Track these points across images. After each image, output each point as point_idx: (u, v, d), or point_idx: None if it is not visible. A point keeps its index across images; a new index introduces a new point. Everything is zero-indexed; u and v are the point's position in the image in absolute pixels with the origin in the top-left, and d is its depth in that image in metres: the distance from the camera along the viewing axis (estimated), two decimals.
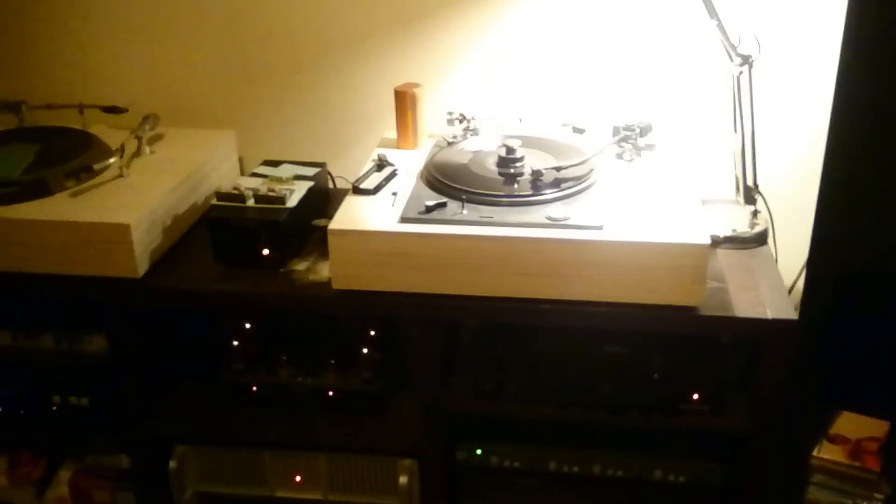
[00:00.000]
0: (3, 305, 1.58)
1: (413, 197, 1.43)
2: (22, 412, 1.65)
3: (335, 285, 1.40)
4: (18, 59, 1.84)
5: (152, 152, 1.66)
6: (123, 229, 1.39)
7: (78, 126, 1.74)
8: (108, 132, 1.70)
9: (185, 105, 1.82)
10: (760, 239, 1.55)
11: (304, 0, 1.73)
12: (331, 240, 1.36)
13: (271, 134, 1.85)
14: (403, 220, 1.37)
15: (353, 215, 1.40)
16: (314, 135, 1.83)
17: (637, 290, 1.32)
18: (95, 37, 1.81)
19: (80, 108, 1.76)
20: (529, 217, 1.36)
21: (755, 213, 1.56)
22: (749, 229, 1.55)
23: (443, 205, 1.39)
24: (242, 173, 1.83)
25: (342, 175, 1.76)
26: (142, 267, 1.44)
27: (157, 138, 1.70)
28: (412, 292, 1.38)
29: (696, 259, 1.29)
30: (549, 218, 1.35)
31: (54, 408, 1.63)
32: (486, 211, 1.38)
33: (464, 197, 1.39)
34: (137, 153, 1.63)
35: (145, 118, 1.67)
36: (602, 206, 1.38)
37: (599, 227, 1.32)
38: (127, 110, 1.74)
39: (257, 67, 1.80)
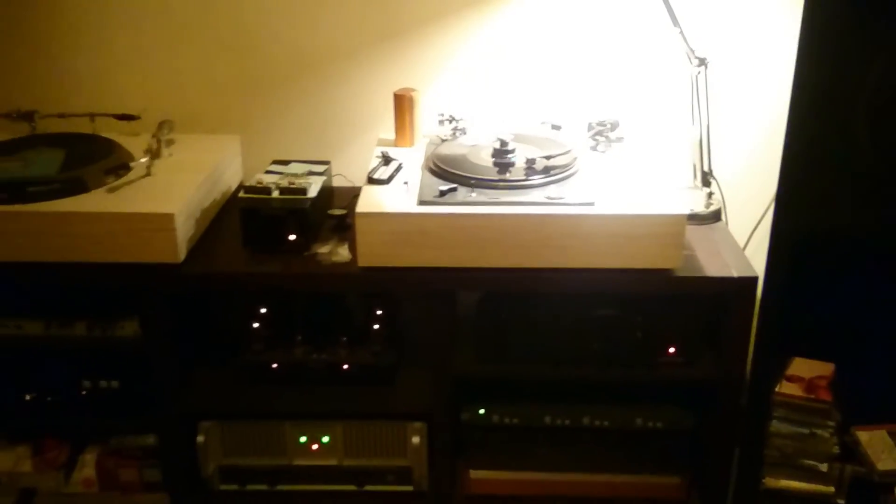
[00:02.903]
0: (39, 295, 1.70)
1: (424, 185, 1.63)
2: (50, 399, 1.76)
3: (360, 263, 1.57)
4: (31, 69, 1.95)
5: (170, 154, 1.80)
6: (168, 218, 1.54)
7: (89, 132, 1.87)
8: (119, 138, 1.84)
9: (191, 111, 1.96)
10: (715, 216, 1.80)
11: (300, 13, 1.91)
12: (358, 222, 1.54)
13: (268, 138, 2.01)
14: (421, 202, 1.56)
15: (375, 201, 1.58)
16: (310, 138, 2.01)
17: (624, 257, 1.55)
18: (106, 48, 1.94)
19: (92, 116, 1.89)
20: (529, 198, 1.57)
21: (710, 195, 1.81)
22: (705, 208, 1.80)
23: (454, 189, 1.59)
24: (245, 174, 1.98)
25: (340, 173, 1.93)
26: (182, 253, 1.59)
27: (170, 142, 1.85)
28: (429, 266, 1.57)
29: (675, 227, 1.52)
30: (548, 197, 1.56)
31: (84, 392, 1.75)
32: (490, 194, 1.59)
33: (473, 181, 1.60)
34: (157, 155, 1.77)
35: (162, 123, 1.81)
36: (589, 188, 1.60)
37: (591, 204, 1.54)
38: (139, 117, 1.88)
39: (258, 78, 1.96)
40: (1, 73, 1.96)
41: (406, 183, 1.65)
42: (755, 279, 1.56)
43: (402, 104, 1.81)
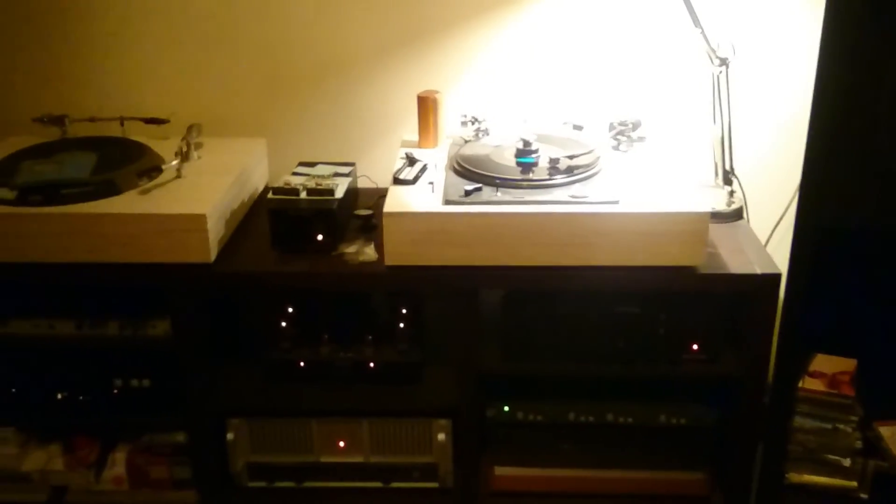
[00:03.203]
0: (72, 295, 1.73)
1: (449, 184, 1.65)
2: (81, 397, 1.79)
3: (388, 262, 1.60)
4: (61, 75, 1.99)
5: (199, 157, 1.84)
6: (200, 219, 1.57)
7: (119, 136, 1.90)
8: (148, 142, 1.86)
9: (217, 115, 1.99)
10: (737, 214, 1.82)
11: (323, 16, 1.94)
12: (385, 221, 1.57)
13: (293, 140, 2.04)
14: (447, 202, 1.58)
15: (401, 201, 1.61)
16: (334, 139, 2.03)
17: (648, 255, 1.57)
18: (133, 53, 1.98)
19: (122, 120, 1.93)
20: (553, 196, 1.60)
21: (731, 193, 1.83)
22: (727, 207, 1.82)
23: (479, 189, 1.61)
24: (271, 176, 2.01)
25: (364, 174, 1.96)
26: (213, 253, 1.62)
27: (198, 145, 1.87)
28: (455, 265, 1.59)
29: (698, 225, 1.54)
30: (573, 196, 1.59)
31: (115, 391, 1.78)
32: (515, 193, 1.61)
33: (497, 181, 1.63)
34: (187, 158, 1.80)
35: (191, 127, 1.85)
36: (612, 187, 1.62)
37: (616, 202, 1.57)
38: (168, 121, 1.91)
39: (283, 81, 1.99)
40: (32, 78, 2.00)
41: (431, 183, 1.67)
42: (779, 276, 1.58)
43: (426, 106, 1.84)
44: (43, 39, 1.97)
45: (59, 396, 1.79)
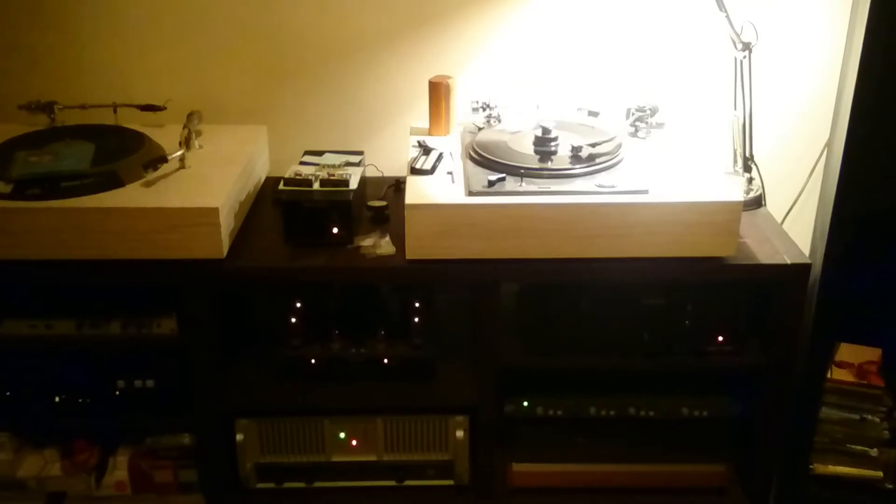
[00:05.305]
0: (71, 294, 1.65)
1: (469, 174, 1.59)
2: (80, 400, 1.71)
3: (409, 255, 1.54)
4: (49, 59, 1.89)
5: (200, 146, 1.75)
6: (213, 212, 1.49)
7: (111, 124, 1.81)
8: (143, 129, 1.77)
9: (214, 101, 1.90)
10: (757, 202, 1.79)
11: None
12: (408, 214, 1.50)
13: (293, 127, 1.95)
14: (471, 193, 1.52)
15: (423, 192, 1.54)
16: (336, 127, 1.96)
17: (678, 245, 1.53)
18: (126, 36, 1.87)
19: (114, 107, 1.83)
20: (578, 186, 1.55)
21: (750, 181, 1.80)
22: (745, 194, 1.78)
23: (502, 179, 1.56)
24: (271, 165, 1.93)
25: (370, 163, 1.89)
26: (225, 248, 1.54)
27: (197, 133, 1.79)
28: (478, 258, 1.54)
29: (730, 214, 1.50)
30: (600, 186, 1.54)
31: (117, 393, 1.70)
32: (539, 183, 1.55)
33: (522, 171, 1.57)
34: (188, 147, 1.71)
35: (191, 114, 1.76)
36: (638, 175, 1.58)
37: (646, 191, 1.52)
38: (165, 108, 1.82)
39: (283, 65, 1.91)
40: (19, 62, 1.89)
41: (450, 173, 1.61)
42: (808, 266, 1.55)
43: (439, 92, 1.77)
44: (30, 22, 1.86)
45: (58, 399, 1.70)
